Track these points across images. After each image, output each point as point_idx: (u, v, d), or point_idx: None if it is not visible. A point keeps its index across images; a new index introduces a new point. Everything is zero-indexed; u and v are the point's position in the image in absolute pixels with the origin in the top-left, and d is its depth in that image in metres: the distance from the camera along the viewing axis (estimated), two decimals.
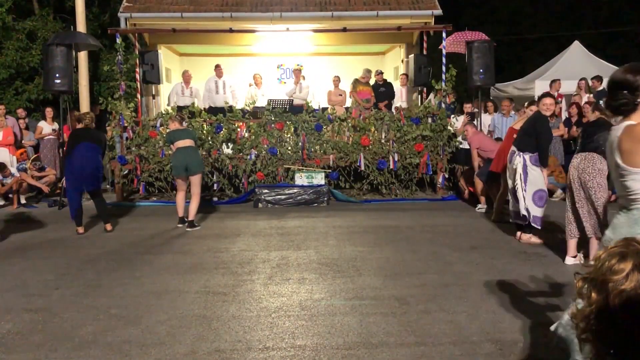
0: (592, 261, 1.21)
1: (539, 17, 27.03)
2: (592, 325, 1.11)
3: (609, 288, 1.09)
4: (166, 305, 4.45)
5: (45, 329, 4.00)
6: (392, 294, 4.67)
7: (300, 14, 12.05)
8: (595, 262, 1.17)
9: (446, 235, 6.91)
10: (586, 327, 1.12)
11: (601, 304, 1.09)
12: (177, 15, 11.89)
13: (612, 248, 1.15)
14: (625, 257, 1.10)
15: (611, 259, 1.12)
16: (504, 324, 3.97)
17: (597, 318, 1.10)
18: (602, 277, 1.11)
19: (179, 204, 7.58)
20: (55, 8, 18.97)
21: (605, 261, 1.13)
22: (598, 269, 1.14)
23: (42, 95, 16.21)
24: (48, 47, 9.61)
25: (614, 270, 1.10)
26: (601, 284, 1.11)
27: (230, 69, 12.83)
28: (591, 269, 1.17)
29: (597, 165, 5.41)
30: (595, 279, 1.13)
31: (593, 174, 5.37)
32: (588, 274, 1.16)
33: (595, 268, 1.15)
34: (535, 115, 6.60)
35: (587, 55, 13.95)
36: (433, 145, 9.95)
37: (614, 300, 1.07)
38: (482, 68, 10.11)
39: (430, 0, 12.51)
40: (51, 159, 10.84)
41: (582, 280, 1.17)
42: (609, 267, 1.11)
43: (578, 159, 5.54)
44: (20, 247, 6.58)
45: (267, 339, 3.78)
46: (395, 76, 13.26)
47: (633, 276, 1.08)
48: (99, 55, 17.03)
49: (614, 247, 1.15)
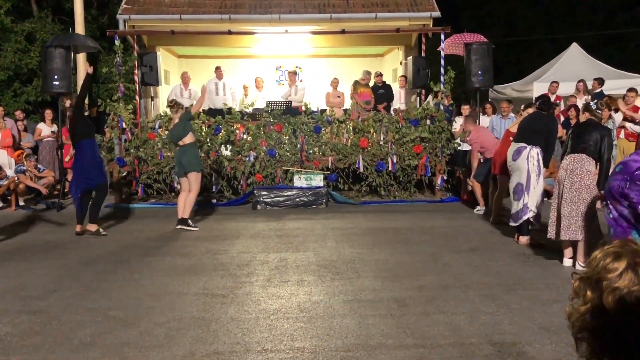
0: (582, 263, 1.22)
1: (537, 19, 27.08)
2: (587, 324, 1.12)
3: (603, 286, 1.10)
4: (165, 307, 4.44)
5: (43, 331, 3.99)
6: (390, 295, 4.67)
7: (298, 16, 12.06)
8: (591, 261, 1.18)
9: (445, 237, 6.91)
10: (582, 326, 1.13)
11: (595, 303, 1.11)
12: (176, 17, 11.90)
13: (608, 247, 1.16)
14: (620, 256, 1.12)
15: (606, 258, 1.13)
16: (503, 326, 3.97)
17: (592, 316, 1.11)
18: (597, 275, 1.12)
19: (179, 206, 7.58)
20: (54, 10, 18.99)
21: (600, 260, 1.14)
22: (593, 268, 1.15)
23: (41, 97, 16.21)
24: (47, 49, 9.60)
25: (608, 268, 1.12)
26: (596, 283, 1.12)
27: (229, 70, 12.83)
28: (587, 269, 1.18)
29: (585, 167, 5.40)
30: (590, 277, 1.14)
31: (581, 175, 5.37)
32: (584, 274, 1.17)
33: (590, 267, 1.16)
34: (548, 115, 6.60)
35: (585, 57, 13.97)
36: (432, 147, 9.96)
37: (607, 299, 1.09)
38: (480, 70, 10.13)
39: (429, 2, 12.53)
40: (50, 161, 10.83)
41: (578, 280, 1.18)
42: (604, 266, 1.12)
43: (567, 160, 5.53)
44: (18, 249, 6.58)
45: (266, 341, 3.78)
46: (394, 78, 13.27)
47: (626, 275, 1.10)
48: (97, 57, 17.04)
49: (610, 247, 1.16)
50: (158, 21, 12.11)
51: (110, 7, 18.81)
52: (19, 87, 16.78)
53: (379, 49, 14.23)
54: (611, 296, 1.08)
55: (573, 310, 1.17)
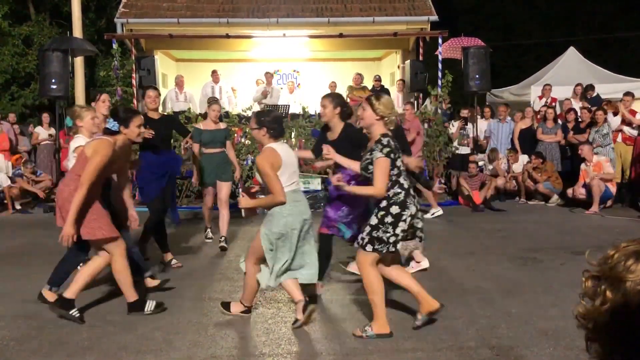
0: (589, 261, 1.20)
1: (534, 23, 27.14)
2: (606, 324, 1.11)
3: (627, 288, 1.09)
4: (162, 312, 4.43)
5: (40, 335, 3.97)
6: (388, 299, 4.66)
7: (296, 20, 12.09)
8: (606, 261, 1.15)
9: (442, 241, 6.90)
10: (599, 326, 1.12)
11: (618, 303, 1.09)
12: (174, 21, 11.91)
13: (626, 247, 1.15)
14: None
15: (628, 259, 1.12)
16: (501, 330, 3.96)
17: (612, 316, 1.10)
18: (618, 276, 1.11)
19: (221, 224, 6.65)
20: (52, 13, 18.99)
21: (621, 261, 1.13)
22: (612, 268, 1.13)
23: (38, 101, 16.20)
24: (44, 53, 9.60)
25: (631, 270, 1.10)
26: (617, 283, 1.10)
27: (226, 74, 12.84)
28: (600, 267, 1.16)
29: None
30: (610, 277, 1.12)
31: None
32: (599, 273, 1.15)
33: (608, 267, 1.14)
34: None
35: (583, 61, 14.00)
36: (429, 151, 9.96)
37: (633, 300, 1.07)
38: (478, 74, 10.15)
39: (427, 6, 12.57)
40: (47, 164, 10.80)
41: (591, 279, 1.16)
42: (627, 267, 1.11)
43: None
44: (15, 253, 6.56)
45: (264, 345, 3.77)
46: (392, 82, 13.29)
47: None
48: (95, 60, 17.06)
49: (628, 246, 1.15)
50: (156, 25, 12.13)
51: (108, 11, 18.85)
52: (17, 90, 16.78)
53: (377, 53, 14.26)
54: (638, 297, 1.08)
55: (587, 309, 1.15)
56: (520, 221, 8.25)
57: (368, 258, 3.77)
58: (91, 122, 4.84)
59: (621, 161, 10.03)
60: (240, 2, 12.62)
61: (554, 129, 10.39)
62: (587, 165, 9.13)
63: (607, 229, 7.52)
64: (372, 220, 3.77)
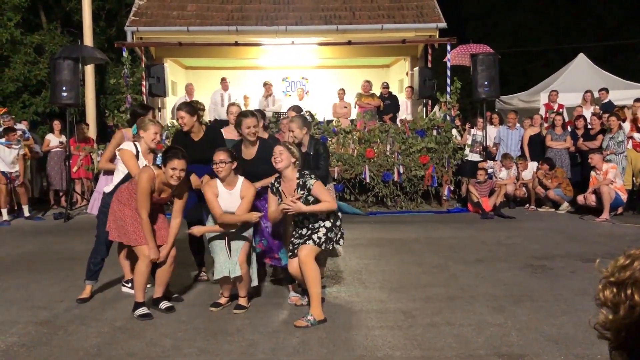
0: (599, 267, 1.17)
1: (543, 30, 27.08)
2: (633, 333, 1.07)
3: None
4: (171, 318, 4.43)
5: (50, 341, 3.99)
6: (397, 307, 4.65)
7: (305, 28, 12.14)
8: (624, 267, 1.11)
9: (452, 248, 6.88)
10: (629, 333, 1.08)
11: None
12: (183, 29, 12.00)
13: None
14: None
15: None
16: (511, 338, 3.93)
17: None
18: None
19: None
20: (63, 22, 19.19)
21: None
22: (635, 272, 1.09)
23: (49, 109, 16.34)
24: (55, 61, 9.70)
25: None
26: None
27: (235, 82, 12.90)
28: (618, 275, 1.12)
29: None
30: (638, 280, 1.08)
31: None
32: (617, 279, 1.11)
33: (631, 272, 1.10)
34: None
35: (592, 67, 13.96)
36: (438, 158, 9.95)
37: None
38: (486, 80, 10.13)
39: (435, 13, 12.58)
40: (58, 171, 10.90)
41: (609, 287, 1.12)
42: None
43: None
44: (26, 260, 6.60)
45: (272, 352, 3.76)
46: (400, 89, 13.30)
47: None
48: (105, 68, 17.19)
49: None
50: (165, 33, 12.22)
51: (119, 19, 19.01)
52: (28, 98, 16.93)
53: (385, 60, 14.29)
54: None
55: (609, 319, 1.12)
56: (530, 228, 8.21)
57: (315, 253, 4.34)
58: (152, 136, 4.85)
59: (632, 168, 9.96)
60: (250, 10, 12.70)
61: (562, 135, 10.35)
62: (597, 173, 9.07)
63: (618, 236, 7.46)
64: (326, 224, 4.42)
